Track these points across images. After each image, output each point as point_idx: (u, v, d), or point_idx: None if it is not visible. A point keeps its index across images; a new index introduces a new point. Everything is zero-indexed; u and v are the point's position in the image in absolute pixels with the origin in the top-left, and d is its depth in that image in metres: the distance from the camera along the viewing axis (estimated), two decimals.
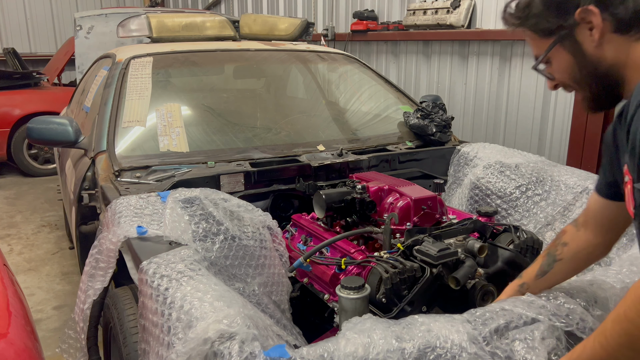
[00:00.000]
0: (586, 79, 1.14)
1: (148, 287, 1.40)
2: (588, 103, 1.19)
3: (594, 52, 1.09)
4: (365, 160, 2.52)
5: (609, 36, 1.07)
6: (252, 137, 2.69)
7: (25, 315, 1.59)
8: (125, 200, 1.89)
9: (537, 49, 1.19)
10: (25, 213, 5.41)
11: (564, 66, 1.15)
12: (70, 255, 4.28)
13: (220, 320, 1.16)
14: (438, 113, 2.87)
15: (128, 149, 2.38)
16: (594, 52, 1.09)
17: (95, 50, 4.44)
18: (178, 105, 2.62)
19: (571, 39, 1.11)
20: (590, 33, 1.08)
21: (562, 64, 1.16)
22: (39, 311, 3.40)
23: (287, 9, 7.43)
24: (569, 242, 1.41)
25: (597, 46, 1.08)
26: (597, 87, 1.14)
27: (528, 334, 1.24)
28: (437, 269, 1.60)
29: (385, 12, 5.70)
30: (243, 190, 2.26)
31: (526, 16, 1.16)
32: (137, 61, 2.83)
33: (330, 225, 2.06)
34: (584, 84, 1.15)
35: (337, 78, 3.49)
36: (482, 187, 2.43)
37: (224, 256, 1.64)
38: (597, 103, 1.17)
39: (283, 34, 3.68)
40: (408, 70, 5.46)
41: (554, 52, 1.15)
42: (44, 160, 6.83)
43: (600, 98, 1.16)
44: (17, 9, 10.67)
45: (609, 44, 1.08)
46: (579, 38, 1.10)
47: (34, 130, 2.52)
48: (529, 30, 1.18)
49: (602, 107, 1.19)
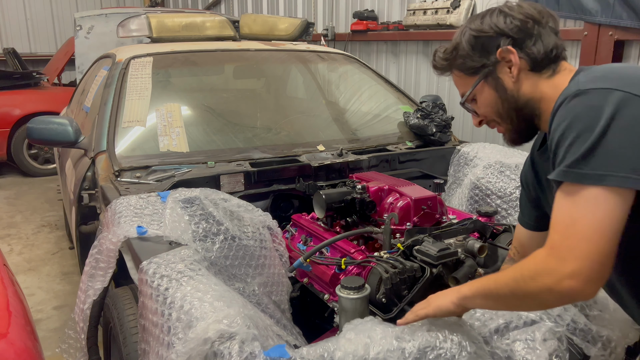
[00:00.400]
0: (508, 112, 1.25)
1: (148, 287, 1.40)
2: (510, 135, 1.30)
3: (513, 87, 1.22)
4: (365, 160, 2.52)
5: (525, 74, 1.21)
6: (252, 137, 2.69)
7: (25, 315, 1.59)
8: (125, 200, 1.89)
9: (464, 87, 1.30)
10: (25, 213, 5.41)
11: (488, 101, 1.26)
12: (70, 255, 4.28)
13: (220, 320, 1.16)
14: (438, 113, 2.87)
15: (128, 149, 2.38)
16: (513, 87, 1.22)
17: (95, 50, 4.44)
18: (178, 105, 2.62)
19: (493, 75, 1.24)
20: (510, 70, 1.21)
21: (486, 99, 1.27)
22: (39, 311, 3.40)
23: (287, 9, 7.43)
24: None
25: (515, 82, 1.21)
26: (518, 119, 1.25)
27: (529, 335, 1.24)
28: (437, 269, 1.60)
29: (385, 12, 5.69)
30: (243, 190, 2.26)
31: (454, 57, 1.29)
32: (137, 61, 2.83)
33: (330, 225, 2.06)
34: (506, 116, 1.26)
35: (337, 78, 3.49)
36: (482, 187, 2.43)
37: (224, 256, 1.64)
38: (519, 135, 1.29)
39: (283, 34, 3.68)
40: (408, 70, 5.46)
41: (479, 89, 1.26)
42: (44, 160, 6.83)
43: (521, 130, 1.27)
44: (17, 9, 10.67)
45: (526, 81, 1.21)
46: (500, 75, 1.23)
47: (34, 130, 2.52)
48: (456, 70, 1.30)
49: (523, 139, 1.31)
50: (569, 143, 1.00)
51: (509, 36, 1.20)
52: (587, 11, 3.53)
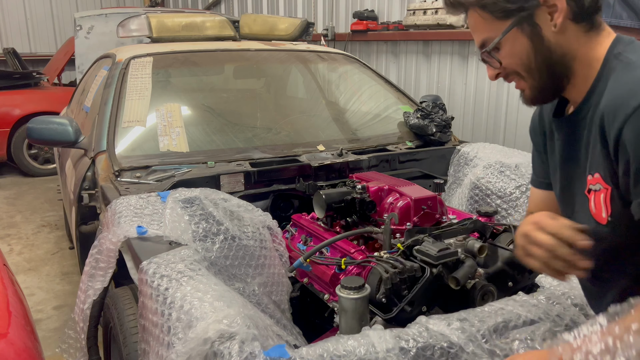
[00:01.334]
0: (539, 66, 1.08)
1: (148, 287, 1.40)
2: (533, 93, 1.13)
3: (552, 38, 1.05)
4: (365, 160, 2.52)
5: (566, 23, 1.04)
6: (252, 137, 2.69)
7: (25, 315, 1.59)
8: (125, 200, 1.89)
9: (488, 32, 1.09)
10: (25, 213, 5.41)
11: (518, 51, 1.08)
12: (70, 255, 4.28)
13: (220, 320, 1.16)
14: (438, 113, 2.87)
15: (128, 149, 2.38)
16: (553, 38, 1.05)
17: (95, 50, 4.44)
18: (178, 105, 2.62)
19: (530, 21, 1.05)
20: (551, 17, 1.04)
21: (516, 48, 1.08)
22: (39, 311, 3.40)
23: (287, 9, 7.43)
24: None
25: (557, 32, 1.04)
26: (547, 75, 1.09)
27: (528, 334, 1.24)
28: (437, 269, 1.60)
29: (385, 12, 5.69)
30: (243, 190, 2.26)
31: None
32: (137, 61, 2.83)
33: (330, 225, 2.06)
34: (536, 71, 1.09)
35: (337, 78, 3.49)
36: (482, 187, 2.43)
37: (224, 256, 1.64)
38: (542, 94, 1.13)
39: (283, 34, 3.68)
40: (408, 70, 5.46)
41: (509, 36, 1.07)
42: (44, 160, 6.83)
43: (546, 89, 1.11)
44: (17, 9, 10.67)
45: (566, 32, 1.04)
46: (539, 21, 1.05)
47: (34, 130, 2.52)
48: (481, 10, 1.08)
49: (546, 99, 1.15)
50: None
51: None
52: None
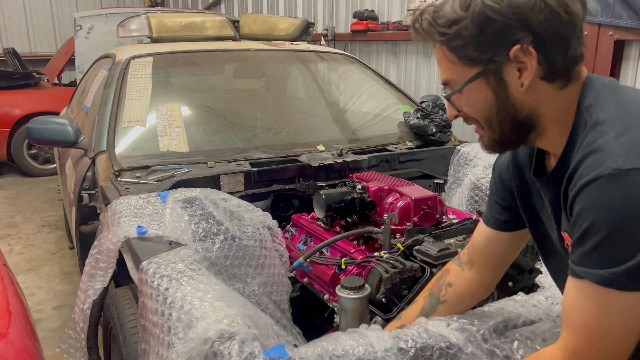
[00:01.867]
0: (501, 122, 1.01)
1: (148, 287, 1.40)
2: (490, 143, 1.06)
3: (518, 96, 0.97)
4: (365, 160, 2.52)
5: (536, 82, 0.96)
6: (252, 137, 2.69)
7: (25, 315, 1.59)
8: (125, 200, 1.89)
9: (452, 73, 1.02)
10: (25, 213, 5.41)
11: (479, 102, 1.00)
12: (70, 255, 4.28)
13: (221, 320, 1.16)
14: (438, 113, 2.87)
15: (128, 149, 2.38)
16: (519, 96, 0.97)
17: (95, 50, 4.44)
18: (178, 105, 2.62)
19: (497, 75, 0.97)
20: (520, 75, 0.95)
21: (478, 99, 1.00)
22: (39, 311, 3.40)
23: (287, 9, 7.43)
24: (453, 282, 1.34)
25: (524, 91, 0.96)
26: (510, 131, 1.01)
27: (529, 334, 1.24)
28: (437, 269, 1.60)
29: (385, 12, 5.70)
30: (243, 190, 2.26)
31: (453, 35, 0.96)
32: (137, 61, 2.83)
33: (330, 225, 2.06)
34: (497, 126, 1.02)
35: (337, 78, 3.49)
36: (482, 187, 2.43)
37: (224, 256, 1.64)
38: (501, 146, 1.06)
39: (283, 34, 3.68)
40: (408, 70, 5.46)
41: (473, 85, 0.99)
42: (44, 160, 6.83)
43: (508, 141, 1.05)
44: (17, 9, 10.67)
45: (534, 91, 0.97)
46: (506, 77, 0.96)
47: (34, 130, 2.52)
48: (449, 51, 0.99)
49: (505, 150, 1.09)
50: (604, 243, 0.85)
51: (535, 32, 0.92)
52: (587, 11, 3.52)
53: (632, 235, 0.83)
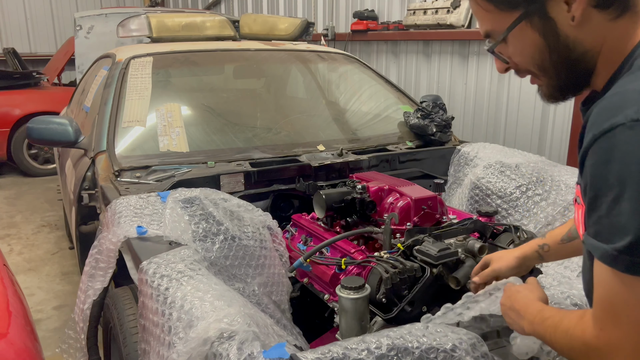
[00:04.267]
0: (556, 65, 0.92)
1: (148, 287, 1.40)
2: (551, 91, 0.97)
3: (570, 32, 0.87)
4: (365, 160, 2.52)
5: (589, 13, 0.86)
6: (252, 137, 2.69)
7: (25, 315, 1.59)
8: (125, 200, 1.89)
9: (492, 24, 0.94)
10: (25, 213, 5.41)
11: (527, 49, 0.92)
12: (70, 255, 4.28)
13: (221, 320, 1.16)
14: (438, 113, 2.87)
15: (128, 149, 2.38)
16: (571, 32, 0.87)
17: (95, 50, 4.44)
18: (178, 105, 2.62)
19: (542, 14, 0.88)
20: (568, 8, 0.86)
21: (525, 45, 0.92)
22: (39, 311, 3.40)
23: (287, 9, 7.43)
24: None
25: (574, 26, 0.87)
26: (567, 74, 0.92)
27: None
28: (437, 269, 1.60)
29: (385, 12, 5.69)
30: (243, 190, 2.26)
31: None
32: (137, 61, 2.83)
33: (330, 225, 2.06)
34: (552, 71, 0.93)
35: (337, 78, 3.49)
36: (482, 187, 2.43)
37: (224, 256, 1.64)
38: (562, 92, 0.97)
39: (283, 33, 3.68)
40: (408, 70, 5.46)
41: (516, 32, 0.91)
42: (44, 160, 6.83)
43: (568, 87, 0.95)
44: (17, 9, 10.67)
45: (588, 24, 0.87)
46: (553, 14, 0.87)
47: (34, 130, 2.52)
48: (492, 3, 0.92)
49: (566, 96, 0.98)
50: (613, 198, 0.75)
51: None
52: None
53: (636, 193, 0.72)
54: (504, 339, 1.28)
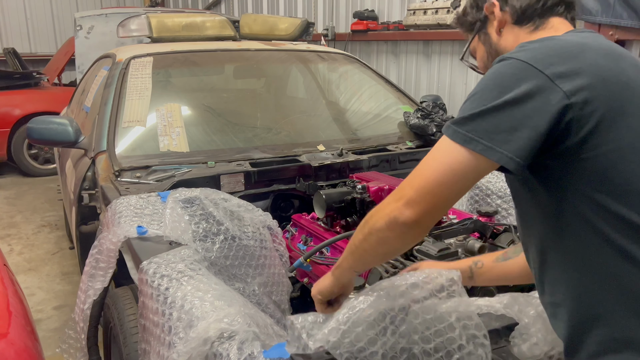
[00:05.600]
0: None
1: (148, 287, 1.40)
2: None
3: (496, 40, 1.22)
4: (365, 160, 2.52)
5: (510, 27, 1.19)
6: (252, 137, 2.69)
7: (25, 315, 1.59)
8: (125, 200, 1.89)
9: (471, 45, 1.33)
10: (25, 213, 5.41)
11: (480, 55, 1.28)
12: (70, 255, 4.28)
13: (221, 319, 1.16)
14: (438, 113, 2.87)
15: (128, 149, 2.38)
16: (496, 40, 1.22)
17: (95, 50, 4.44)
18: (178, 105, 2.62)
19: (484, 30, 1.25)
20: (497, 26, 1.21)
21: (479, 54, 1.29)
22: (39, 311, 3.40)
23: (287, 9, 7.43)
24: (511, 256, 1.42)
25: (498, 35, 1.21)
26: None
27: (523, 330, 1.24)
28: None
29: (385, 12, 5.70)
30: (243, 190, 2.26)
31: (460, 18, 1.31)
32: (137, 61, 2.83)
33: (331, 225, 2.06)
34: None
35: (337, 78, 3.49)
36: (482, 187, 2.43)
37: (224, 256, 1.64)
38: None
39: (283, 33, 3.68)
40: (408, 70, 5.46)
41: (475, 44, 1.29)
42: (44, 160, 6.83)
43: None
44: (17, 9, 10.67)
45: (508, 34, 1.20)
46: (488, 30, 1.24)
47: (34, 130, 2.52)
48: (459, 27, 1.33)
49: None
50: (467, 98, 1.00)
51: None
52: (588, 11, 3.53)
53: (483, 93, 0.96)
54: (504, 339, 1.28)
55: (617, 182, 0.95)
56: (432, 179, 0.95)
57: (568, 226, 0.99)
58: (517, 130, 0.93)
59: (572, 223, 0.99)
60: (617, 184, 0.95)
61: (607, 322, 0.98)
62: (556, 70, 0.95)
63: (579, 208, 0.97)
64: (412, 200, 0.96)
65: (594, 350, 1.00)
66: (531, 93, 0.93)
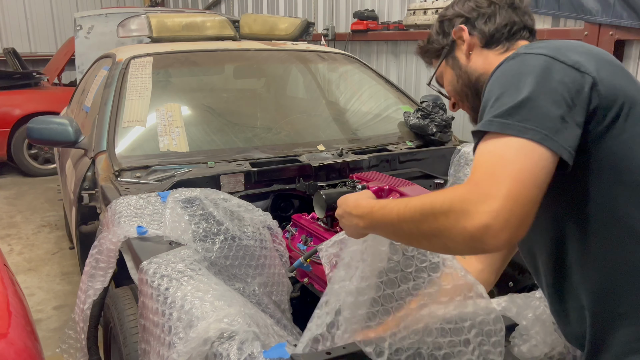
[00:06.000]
0: (462, 88, 1.26)
1: (148, 287, 1.40)
2: (470, 113, 1.29)
3: (466, 63, 1.25)
4: (365, 160, 2.52)
5: (479, 50, 1.23)
6: (252, 137, 2.69)
7: (25, 315, 1.59)
8: (125, 200, 1.89)
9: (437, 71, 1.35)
10: (25, 213, 5.41)
11: (449, 79, 1.30)
12: (70, 255, 4.28)
13: (221, 319, 1.16)
14: (438, 113, 2.87)
15: (128, 149, 2.38)
16: (466, 63, 1.25)
17: (95, 50, 4.44)
18: (178, 105, 2.62)
19: (452, 54, 1.28)
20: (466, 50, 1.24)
21: (447, 78, 1.31)
22: (39, 311, 3.40)
23: (287, 9, 7.43)
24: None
25: (467, 58, 1.24)
26: (472, 95, 1.25)
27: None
28: None
29: (385, 12, 5.70)
30: (243, 190, 2.26)
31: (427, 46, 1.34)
32: (137, 61, 2.83)
33: (331, 225, 2.06)
34: (462, 93, 1.27)
35: (337, 78, 3.49)
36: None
37: (224, 256, 1.64)
38: (476, 112, 1.22)
39: (283, 33, 3.68)
40: (408, 70, 5.46)
41: (442, 69, 1.31)
42: (44, 160, 6.83)
43: (477, 107, 1.16)
44: (17, 9, 10.67)
45: (478, 57, 1.23)
46: (457, 54, 1.27)
47: (34, 130, 2.52)
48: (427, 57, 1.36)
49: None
50: (495, 98, 0.97)
51: (463, 16, 1.25)
52: (588, 11, 3.53)
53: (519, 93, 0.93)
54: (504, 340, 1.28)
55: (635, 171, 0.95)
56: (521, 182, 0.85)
57: (590, 223, 0.98)
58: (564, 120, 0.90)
59: (595, 219, 0.98)
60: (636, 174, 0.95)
61: (633, 320, 0.96)
62: (577, 59, 0.96)
63: (603, 202, 0.96)
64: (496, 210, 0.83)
65: (620, 350, 0.98)
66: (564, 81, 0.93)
